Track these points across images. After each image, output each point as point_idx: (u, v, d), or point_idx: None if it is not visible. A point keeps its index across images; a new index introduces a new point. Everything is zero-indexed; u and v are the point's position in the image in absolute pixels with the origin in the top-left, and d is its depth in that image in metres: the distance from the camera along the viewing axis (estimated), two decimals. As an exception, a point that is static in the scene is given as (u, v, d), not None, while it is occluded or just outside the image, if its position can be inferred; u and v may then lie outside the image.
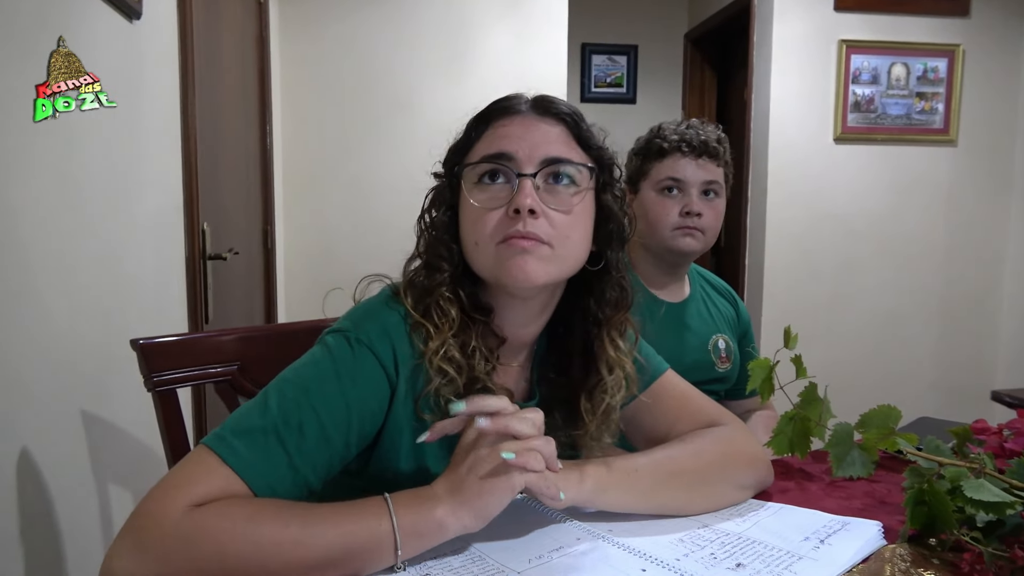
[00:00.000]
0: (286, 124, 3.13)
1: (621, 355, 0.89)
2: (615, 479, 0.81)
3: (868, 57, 3.43)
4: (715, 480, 0.87)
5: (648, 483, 0.83)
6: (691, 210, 1.43)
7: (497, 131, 0.84)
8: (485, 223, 0.81)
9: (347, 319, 0.84)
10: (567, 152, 0.84)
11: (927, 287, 3.62)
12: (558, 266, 0.83)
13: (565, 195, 0.83)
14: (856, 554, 0.76)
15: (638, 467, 0.83)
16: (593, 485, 0.79)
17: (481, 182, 0.83)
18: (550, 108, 0.86)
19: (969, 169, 3.58)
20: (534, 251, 0.80)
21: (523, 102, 0.86)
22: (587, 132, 0.86)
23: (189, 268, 1.85)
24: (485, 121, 0.86)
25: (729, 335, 1.57)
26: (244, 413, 0.75)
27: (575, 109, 0.87)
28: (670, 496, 0.84)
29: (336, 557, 0.66)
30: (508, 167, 0.82)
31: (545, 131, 0.84)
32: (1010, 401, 2.58)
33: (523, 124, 0.84)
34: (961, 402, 3.55)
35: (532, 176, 0.81)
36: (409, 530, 0.68)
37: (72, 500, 1.23)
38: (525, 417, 0.72)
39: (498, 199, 0.82)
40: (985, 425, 1.00)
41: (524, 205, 0.79)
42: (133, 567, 0.64)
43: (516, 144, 0.82)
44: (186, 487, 0.68)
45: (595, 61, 4.97)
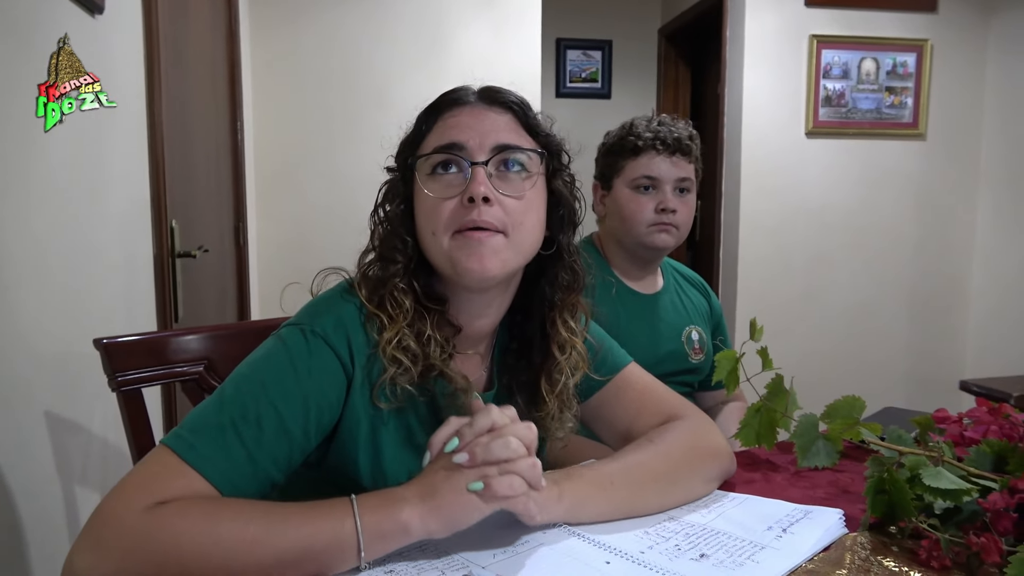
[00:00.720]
0: (259, 119, 3.10)
1: (572, 336, 0.91)
2: (591, 493, 0.80)
3: (838, 52, 3.47)
4: (684, 479, 0.88)
5: (623, 494, 0.83)
6: (666, 207, 1.45)
7: (447, 122, 0.86)
8: (440, 213, 0.82)
9: (302, 312, 0.85)
10: (516, 139, 0.85)
11: (897, 279, 3.68)
12: (513, 254, 0.84)
13: (517, 181, 0.84)
14: (818, 543, 0.77)
15: (613, 479, 0.83)
16: (571, 503, 0.78)
17: (434, 173, 0.84)
18: (497, 97, 0.87)
19: (938, 163, 3.63)
20: (488, 242, 0.81)
21: (471, 93, 0.88)
22: (534, 120, 0.88)
23: (157, 266, 1.82)
24: (435, 113, 0.87)
25: (702, 327, 1.59)
26: (201, 410, 0.75)
27: (522, 98, 0.89)
28: (644, 503, 0.84)
29: (297, 557, 0.66)
30: (460, 156, 0.83)
31: (494, 119, 0.85)
32: (977, 391, 2.63)
33: (472, 114, 0.85)
34: (931, 392, 3.61)
35: (484, 164, 0.82)
36: (373, 531, 0.68)
37: (38, 500, 1.21)
38: (509, 440, 0.70)
39: (452, 188, 0.83)
40: (946, 414, 1.02)
41: (478, 193, 0.80)
42: (93, 565, 0.64)
43: (467, 133, 0.83)
44: (145, 486, 0.68)
45: (570, 56, 4.99)
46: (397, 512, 0.69)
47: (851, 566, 0.73)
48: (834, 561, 0.74)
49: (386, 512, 0.69)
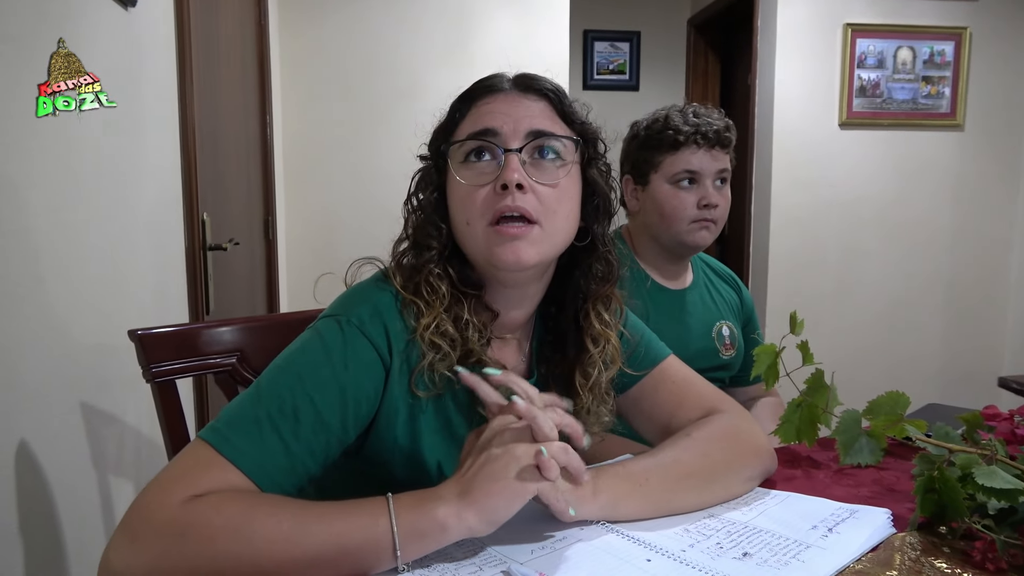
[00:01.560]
0: (287, 112, 3.11)
1: (606, 328, 0.90)
2: (627, 490, 0.79)
3: (873, 41, 3.40)
4: (723, 477, 0.86)
5: (660, 491, 0.81)
6: (709, 202, 1.43)
7: (481, 109, 0.85)
8: (474, 200, 0.81)
9: (337, 303, 0.84)
10: (551, 126, 0.84)
11: (933, 273, 3.60)
12: (548, 244, 0.83)
13: (551, 169, 0.83)
14: (865, 543, 0.75)
15: (649, 475, 0.81)
16: (607, 500, 0.76)
17: (468, 160, 0.83)
18: (532, 84, 0.86)
19: (976, 154, 3.54)
20: (524, 236, 0.80)
21: (505, 80, 0.87)
22: (570, 107, 0.87)
23: (189, 259, 1.83)
24: (469, 100, 0.86)
25: (733, 322, 1.56)
26: (238, 404, 0.75)
27: (558, 85, 0.88)
28: (682, 501, 0.82)
29: (332, 556, 0.64)
30: (494, 143, 0.82)
31: (528, 106, 0.84)
32: (1017, 387, 2.57)
33: (506, 100, 0.84)
34: (967, 389, 3.53)
35: (518, 151, 0.81)
36: (409, 530, 0.66)
37: (73, 493, 1.22)
38: (547, 419, 0.70)
39: (485, 176, 0.82)
40: (996, 411, 0.99)
41: (511, 180, 0.79)
42: (129, 561, 0.63)
43: (500, 120, 0.82)
44: (182, 480, 0.67)
45: (597, 48, 4.94)
46: (433, 509, 0.67)
47: (901, 567, 0.71)
48: (883, 562, 0.72)
49: (422, 510, 0.67)
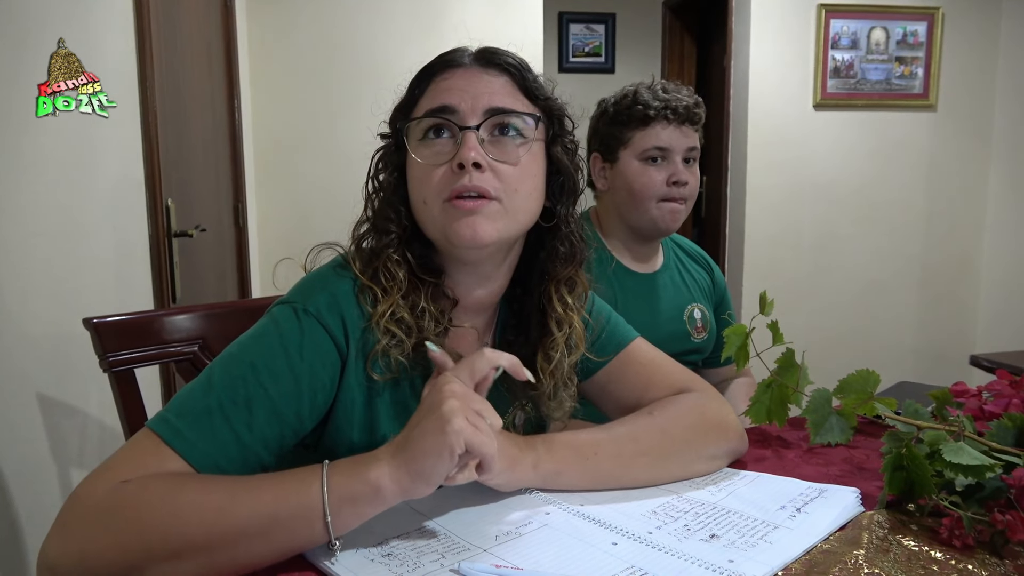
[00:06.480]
0: (256, 96, 3.05)
1: (569, 312, 0.87)
2: (571, 463, 0.78)
3: (847, 21, 3.39)
4: (681, 454, 0.85)
5: (609, 466, 0.80)
6: (679, 179, 1.41)
7: (440, 85, 0.82)
8: (431, 180, 0.79)
9: (295, 290, 0.81)
10: (512, 103, 0.81)
11: (908, 253, 3.62)
12: (508, 222, 0.80)
13: (511, 146, 0.80)
14: (833, 522, 0.74)
15: (598, 448, 0.80)
16: (547, 471, 0.76)
17: (425, 138, 0.81)
18: (493, 59, 0.83)
19: (949, 135, 3.56)
20: (481, 210, 0.77)
21: (466, 55, 0.84)
22: (534, 82, 0.84)
23: (153, 246, 1.79)
24: (428, 76, 0.83)
25: (705, 304, 1.55)
26: (188, 393, 0.72)
27: (521, 59, 0.85)
28: (632, 476, 0.81)
29: (263, 527, 0.61)
30: (451, 120, 0.79)
31: (488, 82, 0.81)
32: (988, 365, 2.59)
33: (465, 76, 0.81)
34: (941, 368, 3.58)
35: (475, 128, 0.78)
36: (341, 495, 0.62)
37: (32, 484, 1.19)
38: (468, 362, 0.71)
39: (443, 154, 0.79)
40: (965, 388, 0.98)
41: (468, 158, 0.76)
42: (61, 550, 0.61)
43: (459, 97, 0.79)
44: (118, 469, 0.65)
45: (572, 30, 4.90)
46: (366, 471, 0.64)
47: (869, 545, 0.70)
48: (851, 541, 0.71)
49: (354, 472, 0.64)
